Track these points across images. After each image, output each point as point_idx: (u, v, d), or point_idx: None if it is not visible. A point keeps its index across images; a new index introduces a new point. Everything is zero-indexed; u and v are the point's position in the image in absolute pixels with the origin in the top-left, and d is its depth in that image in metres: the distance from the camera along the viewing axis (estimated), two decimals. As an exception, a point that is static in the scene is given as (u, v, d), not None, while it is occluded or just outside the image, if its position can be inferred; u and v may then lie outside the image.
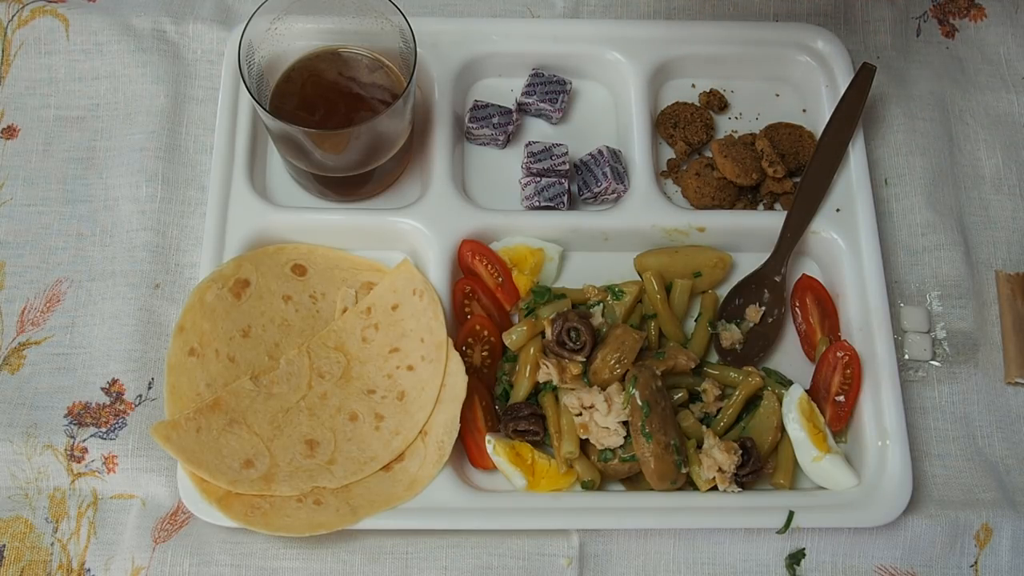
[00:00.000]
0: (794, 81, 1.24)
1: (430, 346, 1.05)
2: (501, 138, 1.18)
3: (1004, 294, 1.16)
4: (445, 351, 1.04)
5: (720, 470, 1.01)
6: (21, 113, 1.19)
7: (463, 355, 1.05)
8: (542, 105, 1.18)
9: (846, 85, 1.16)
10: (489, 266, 1.10)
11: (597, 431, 1.01)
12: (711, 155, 1.17)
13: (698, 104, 1.22)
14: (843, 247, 1.12)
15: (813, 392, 1.08)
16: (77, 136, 1.18)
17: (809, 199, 1.13)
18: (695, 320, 1.12)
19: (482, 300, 1.09)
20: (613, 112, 1.22)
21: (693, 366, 1.06)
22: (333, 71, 1.10)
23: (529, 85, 1.19)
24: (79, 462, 1.04)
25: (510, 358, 1.08)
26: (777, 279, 1.12)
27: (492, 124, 1.16)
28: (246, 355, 1.04)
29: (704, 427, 1.04)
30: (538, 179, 1.14)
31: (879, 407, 1.05)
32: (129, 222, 1.14)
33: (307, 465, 1.01)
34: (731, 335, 1.11)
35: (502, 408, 1.06)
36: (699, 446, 1.03)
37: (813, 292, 1.13)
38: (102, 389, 1.07)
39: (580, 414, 1.02)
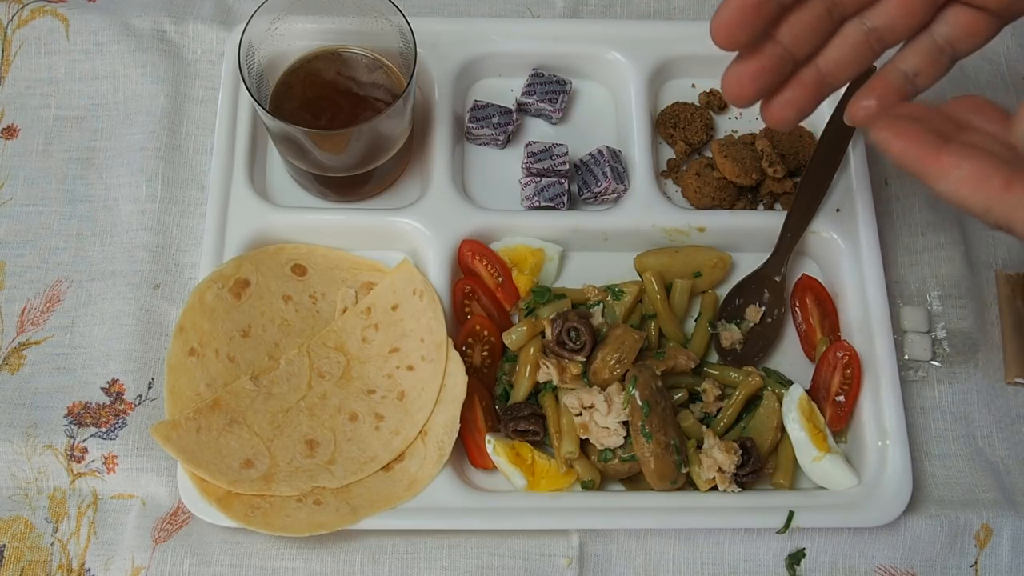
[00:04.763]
0: (794, 81, 1.24)
1: (430, 346, 1.05)
2: (501, 138, 1.18)
3: (1004, 294, 1.16)
4: (445, 351, 1.04)
5: (720, 470, 1.01)
6: (21, 113, 1.19)
7: (463, 355, 1.05)
8: (542, 105, 1.18)
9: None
10: (489, 266, 1.10)
11: (597, 431, 1.01)
12: (711, 155, 1.17)
13: (698, 104, 1.22)
14: (843, 247, 1.12)
15: (813, 392, 1.08)
16: (77, 136, 1.18)
17: (809, 199, 1.13)
18: (695, 320, 1.12)
19: (482, 300, 1.10)
20: (613, 112, 1.22)
21: (693, 366, 1.06)
22: (333, 71, 1.10)
23: (529, 85, 1.19)
24: (79, 462, 1.04)
25: (510, 358, 1.08)
26: (777, 279, 1.12)
27: (492, 124, 1.16)
28: (246, 355, 1.05)
29: (704, 427, 1.04)
30: (538, 179, 1.14)
31: (879, 407, 1.05)
32: (129, 222, 1.14)
33: (307, 465, 1.01)
34: (731, 335, 1.11)
35: (502, 408, 1.06)
36: (699, 446, 1.03)
37: (813, 292, 1.13)
38: (102, 389, 1.07)
39: (580, 414, 1.02)
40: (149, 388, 1.07)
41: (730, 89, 0.80)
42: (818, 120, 1.19)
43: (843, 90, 1.16)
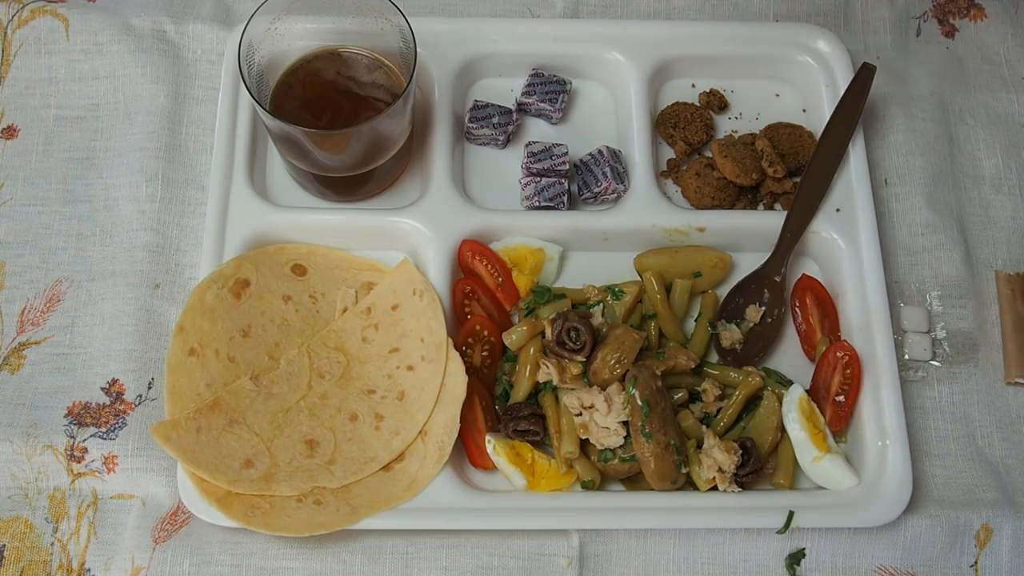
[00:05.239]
0: (794, 81, 1.24)
1: (430, 346, 1.05)
2: (501, 138, 1.18)
3: (1004, 294, 1.16)
4: (445, 351, 1.04)
5: (720, 470, 1.01)
6: (21, 113, 1.19)
7: (463, 355, 1.05)
8: (542, 105, 1.18)
9: (846, 85, 1.16)
10: (489, 266, 1.10)
11: (597, 431, 1.01)
12: (711, 155, 1.17)
13: (698, 104, 1.22)
14: (843, 247, 1.12)
15: (813, 392, 1.08)
16: (77, 136, 1.18)
17: (809, 199, 1.13)
18: (695, 320, 1.12)
19: (482, 300, 1.09)
20: (613, 112, 1.22)
21: (693, 366, 1.06)
22: (333, 71, 1.10)
23: (529, 85, 1.19)
24: (79, 462, 1.04)
25: (510, 358, 1.08)
26: (777, 279, 1.12)
27: (492, 124, 1.16)
28: (246, 355, 1.04)
29: (704, 427, 1.04)
30: (538, 179, 1.14)
31: (879, 407, 1.05)
32: (129, 222, 1.14)
33: (307, 465, 1.01)
34: (731, 335, 1.11)
35: (502, 408, 1.06)
36: (699, 446, 1.03)
37: (813, 292, 1.13)
38: (102, 389, 1.07)
39: (580, 414, 1.02)
40: (149, 388, 1.07)
41: None
42: (818, 120, 1.19)
43: (842, 92, 1.16)
